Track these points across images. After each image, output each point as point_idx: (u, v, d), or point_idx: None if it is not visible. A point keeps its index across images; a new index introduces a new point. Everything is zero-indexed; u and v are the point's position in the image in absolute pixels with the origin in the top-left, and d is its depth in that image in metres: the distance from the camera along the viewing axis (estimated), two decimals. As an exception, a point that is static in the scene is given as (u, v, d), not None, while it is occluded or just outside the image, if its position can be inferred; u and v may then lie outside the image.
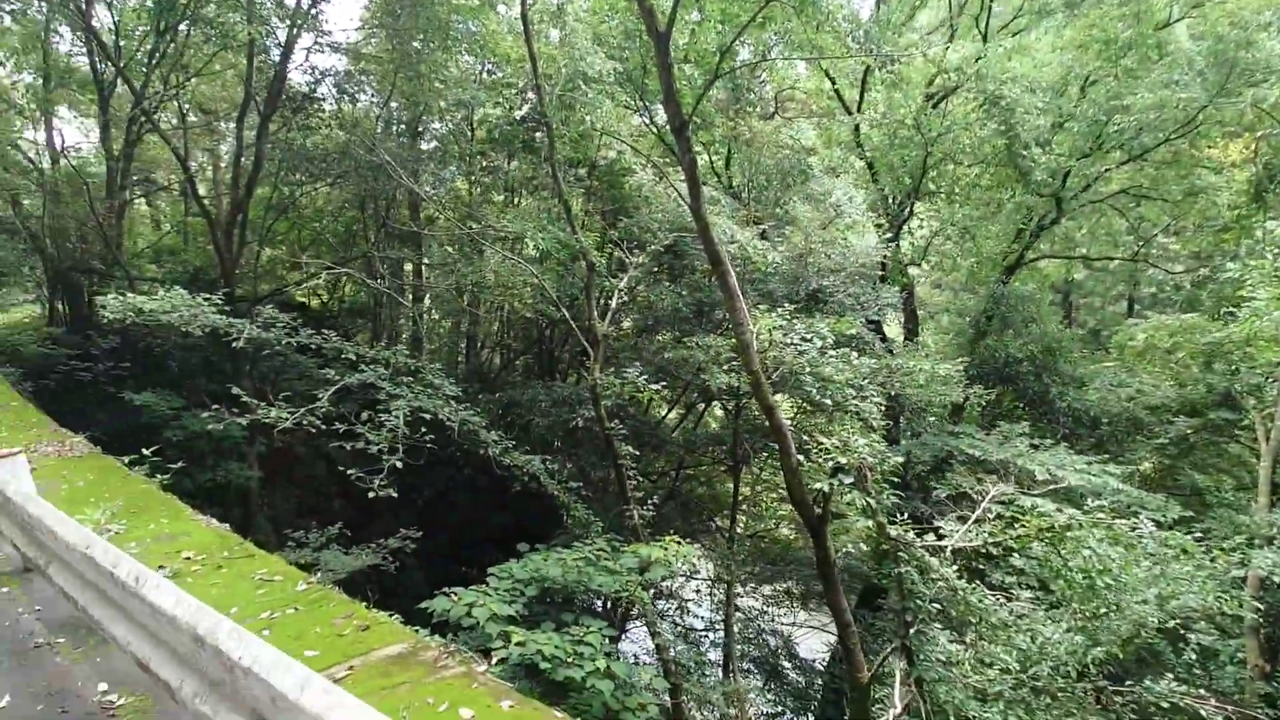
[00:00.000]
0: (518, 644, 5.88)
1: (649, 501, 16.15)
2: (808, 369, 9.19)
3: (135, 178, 17.96)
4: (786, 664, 16.82)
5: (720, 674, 14.14)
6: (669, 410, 20.29)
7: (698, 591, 18.30)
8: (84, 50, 16.32)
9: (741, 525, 16.77)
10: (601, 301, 12.02)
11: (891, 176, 15.59)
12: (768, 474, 17.46)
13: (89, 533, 3.65)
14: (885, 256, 14.47)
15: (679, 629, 16.37)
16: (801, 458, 8.63)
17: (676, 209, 12.60)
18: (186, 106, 19.37)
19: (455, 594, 6.54)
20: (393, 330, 21.28)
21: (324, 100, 17.54)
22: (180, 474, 8.54)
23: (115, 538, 4.77)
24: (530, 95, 14.58)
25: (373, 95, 18.45)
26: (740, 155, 16.12)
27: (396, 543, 10.17)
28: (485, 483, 17.54)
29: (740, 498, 15.94)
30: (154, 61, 15.09)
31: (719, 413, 18.44)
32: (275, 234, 18.89)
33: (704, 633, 17.39)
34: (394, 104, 18.32)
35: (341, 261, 17.83)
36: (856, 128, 15.24)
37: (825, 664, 17.71)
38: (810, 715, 16.11)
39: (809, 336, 9.38)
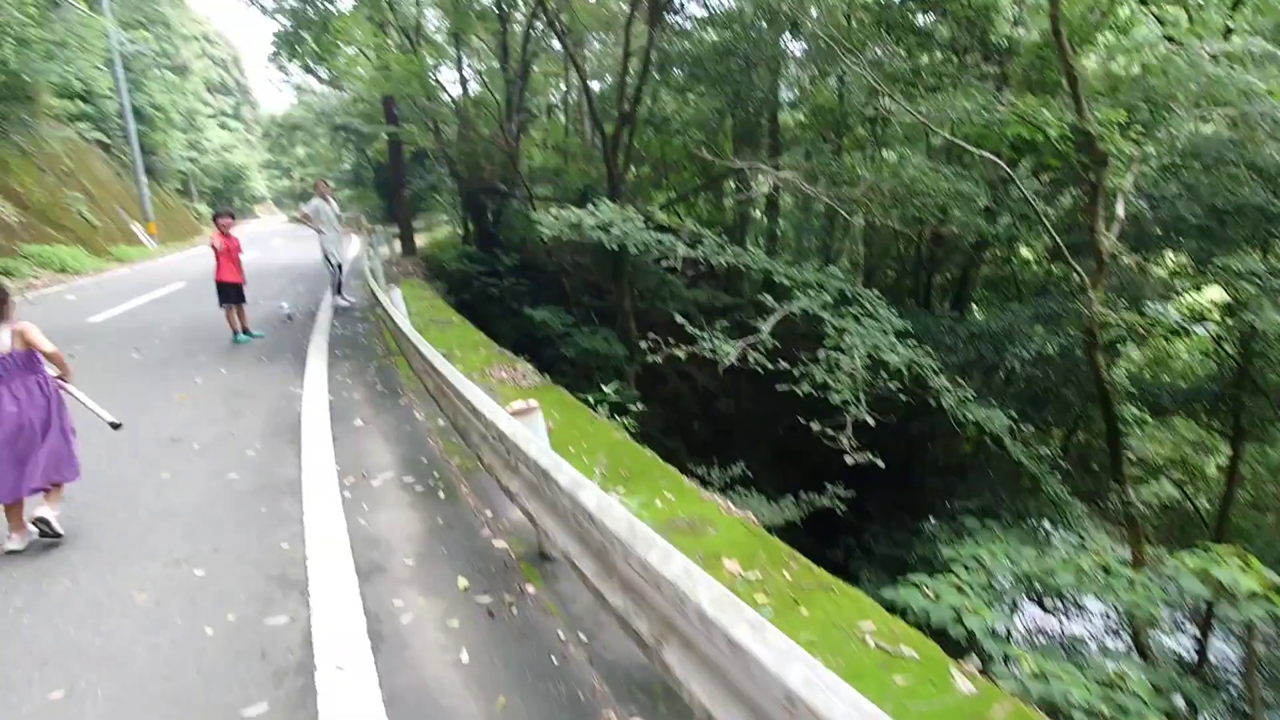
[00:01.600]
0: (1034, 676, 3.83)
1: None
2: None
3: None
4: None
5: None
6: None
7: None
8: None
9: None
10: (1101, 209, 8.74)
11: None
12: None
13: (632, 520, 2.16)
14: None
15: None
16: None
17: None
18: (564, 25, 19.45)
19: (926, 587, 4.65)
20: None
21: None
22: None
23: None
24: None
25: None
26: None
27: (826, 501, 8.66)
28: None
29: (1237, 478, 11.61)
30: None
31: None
32: (640, 150, 18.42)
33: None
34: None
35: (711, 179, 16.61)
36: None
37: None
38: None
39: None
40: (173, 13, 50.43)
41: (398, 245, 18.66)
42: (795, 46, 17.60)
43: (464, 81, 16.91)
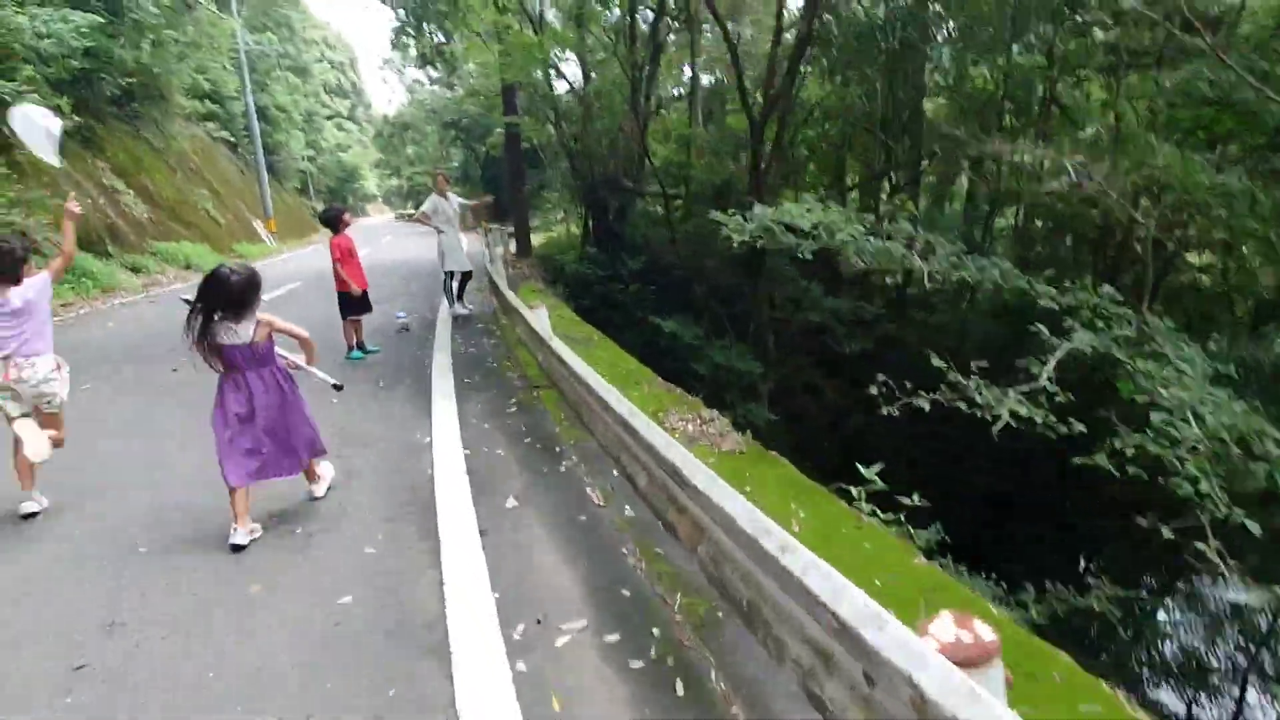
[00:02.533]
0: None
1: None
2: None
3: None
4: None
5: None
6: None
7: None
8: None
9: None
10: None
11: None
12: None
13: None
14: None
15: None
16: None
17: None
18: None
19: None
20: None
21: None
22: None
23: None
24: None
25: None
26: None
27: (1095, 603, 6.56)
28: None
29: None
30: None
31: None
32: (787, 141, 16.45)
33: None
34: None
35: (878, 173, 14.51)
36: None
37: None
38: None
39: None
40: (296, 16, 52.36)
41: (512, 245, 17.55)
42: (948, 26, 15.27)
43: (586, 70, 15.53)
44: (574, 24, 15.09)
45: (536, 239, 20.00)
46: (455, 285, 10.24)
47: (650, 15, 15.76)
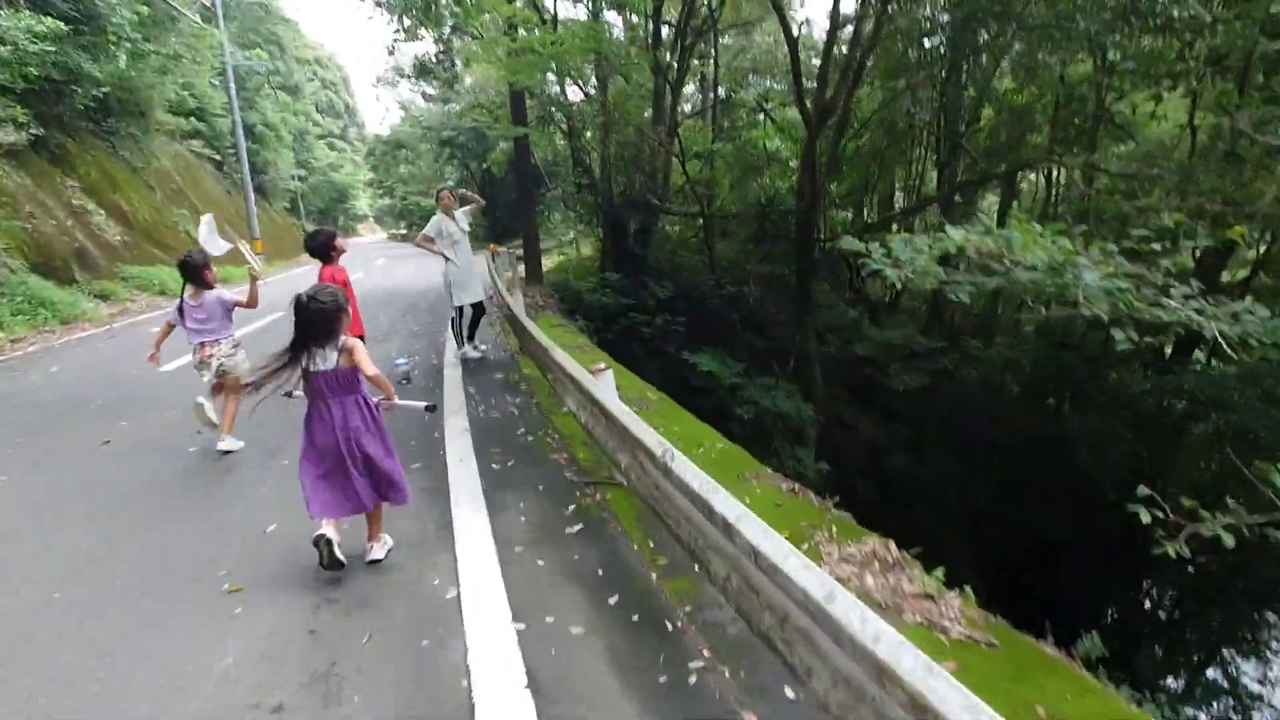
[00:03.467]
0: None
1: None
2: None
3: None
4: None
5: None
6: None
7: None
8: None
9: None
10: None
11: None
12: None
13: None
14: None
15: None
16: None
17: None
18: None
19: None
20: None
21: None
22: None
23: None
24: None
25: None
26: None
27: None
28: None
29: None
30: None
31: None
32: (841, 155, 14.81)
33: None
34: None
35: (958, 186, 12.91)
36: None
37: None
38: None
39: None
40: (285, 33, 51.07)
41: (521, 268, 15.86)
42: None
43: (603, 75, 13.96)
44: (592, 18, 13.51)
45: (545, 262, 18.30)
46: (465, 323, 8.56)
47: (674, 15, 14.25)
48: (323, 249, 5.70)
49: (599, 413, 4.36)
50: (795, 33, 10.04)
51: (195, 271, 5.09)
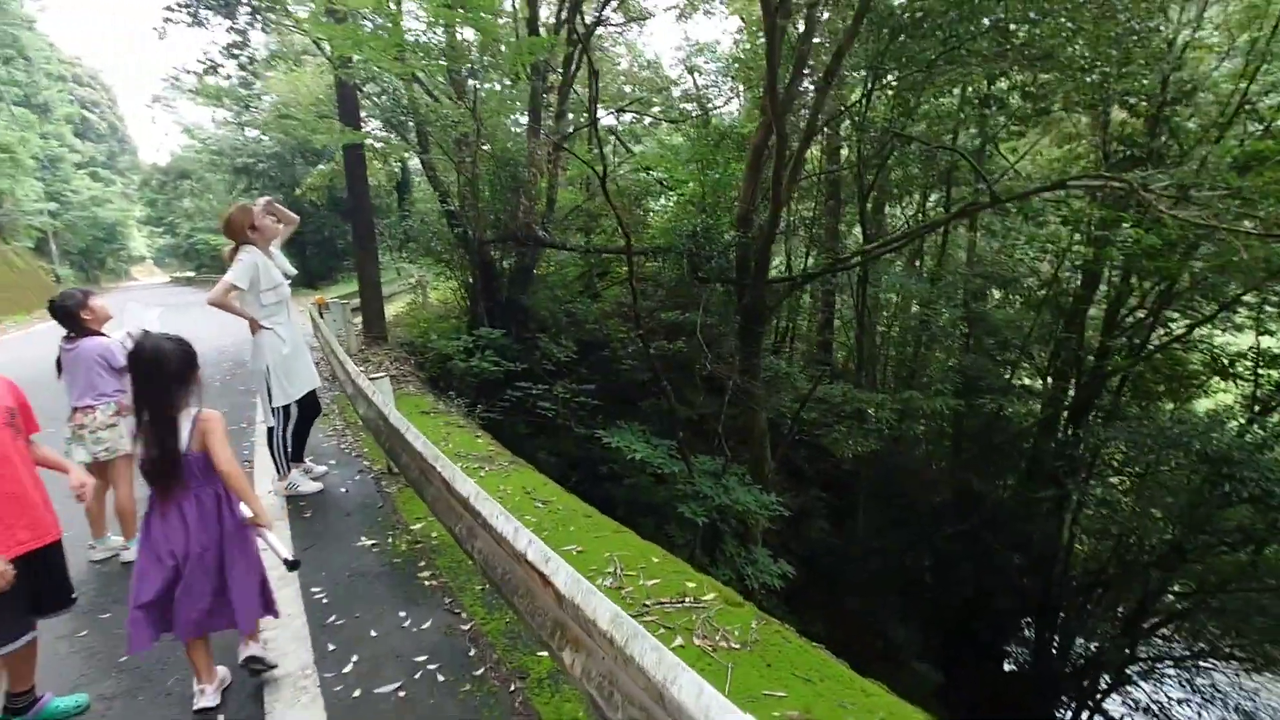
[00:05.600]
0: None
1: None
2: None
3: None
4: None
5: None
6: None
7: None
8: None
9: None
10: None
11: None
12: None
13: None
14: None
15: None
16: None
17: None
18: None
19: None
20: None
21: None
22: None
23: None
24: None
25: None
26: None
27: None
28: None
29: None
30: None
31: None
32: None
33: None
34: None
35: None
36: None
37: None
38: None
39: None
40: (31, 40, 41.96)
41: (358, 321, 11.84)
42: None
43: (472, 72, 10.65)
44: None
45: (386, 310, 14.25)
46: (289, 433, 4.92)
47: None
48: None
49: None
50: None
51: (68, 316, 3.82)
